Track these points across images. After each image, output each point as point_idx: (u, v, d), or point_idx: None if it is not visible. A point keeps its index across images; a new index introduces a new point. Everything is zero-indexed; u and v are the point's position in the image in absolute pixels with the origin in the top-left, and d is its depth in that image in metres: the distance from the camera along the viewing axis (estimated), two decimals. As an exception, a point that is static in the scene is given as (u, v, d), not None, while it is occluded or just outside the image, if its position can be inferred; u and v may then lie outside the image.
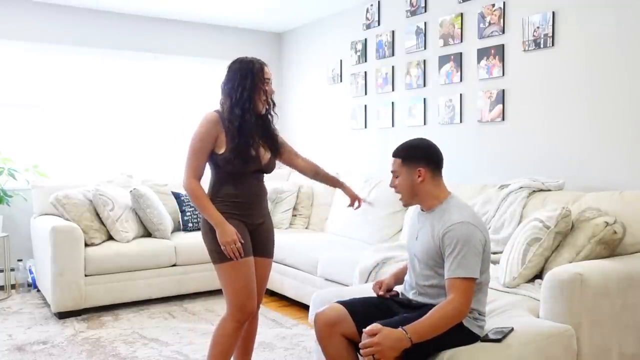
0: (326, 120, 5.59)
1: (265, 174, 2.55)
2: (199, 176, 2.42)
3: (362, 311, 2.14)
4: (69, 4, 5.07)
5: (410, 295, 2.19)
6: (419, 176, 2.10)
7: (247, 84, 2.40)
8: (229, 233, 2.34)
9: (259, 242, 2.53)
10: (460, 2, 4.10)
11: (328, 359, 2.17)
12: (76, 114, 5.23)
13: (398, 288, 2.35)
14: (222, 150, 2.39)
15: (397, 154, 2.17)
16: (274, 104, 2.54)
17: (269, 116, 2.55)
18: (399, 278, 2.37)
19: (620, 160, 3.19)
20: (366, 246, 3.98)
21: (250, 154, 2.41)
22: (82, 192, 4.34)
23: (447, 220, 2.02)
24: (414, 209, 2.27)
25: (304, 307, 4.11)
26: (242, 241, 2.37)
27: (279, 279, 4.35)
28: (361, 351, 1.88)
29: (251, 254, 2.44)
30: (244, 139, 2.38)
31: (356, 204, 2.75)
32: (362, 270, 3.35)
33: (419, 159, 2.12)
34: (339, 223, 4.69)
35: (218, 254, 2.38)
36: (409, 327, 1.87)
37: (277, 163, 2.60)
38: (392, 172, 2.17)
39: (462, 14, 4.09)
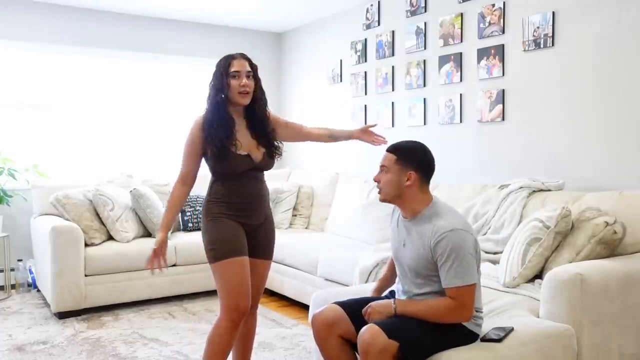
0: (326, 120, 5.57)
1: (264, 172, 2.49)
2: (186, 181, 2.44)
3: (359, 312, 2.13)
4: (69, 4, 5.06)
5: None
6: (408, 179, 2.06)
7: (212, 80, 2.42)
8: (156, 241, 2.39)
9: (259, 243, 2.49)
10: (460, 2, 4.10)
11: (326, 360, 2.18)
12: (76, 114, 5.23)
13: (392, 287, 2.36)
14: (210, 153, 2.37)
15: (393, 150, 2.12)
16: (257, 100, 2.42)
17: (258, 113, 2.43)
18: (387, 280, 2.40)
19: (620, 160, 3.19)
20: (366, 246, 3.98)
21: (230, 152, 2.33)
22: (82, 192, 4.34)
23: (436, 228, 1.98)
24: (396, 214, 2.23)
25: (304, 307, 4.11)
26: (166, 261, 2.41)
27: (279, 279, 4.35)
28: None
29: (246, 254, 2.39)
30: (220, 138, 2.32)
31: (379, 139, 2.72)
32: (362, 270, 3.35)
33: (413, 163, 2.07)
34: (339, 223, 4.69)
35: (212, 253, 2.36)
36: (399, 300, 2.06)
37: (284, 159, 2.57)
38: (381, 166, 2.11)
39: (462, 14, 4.09)
